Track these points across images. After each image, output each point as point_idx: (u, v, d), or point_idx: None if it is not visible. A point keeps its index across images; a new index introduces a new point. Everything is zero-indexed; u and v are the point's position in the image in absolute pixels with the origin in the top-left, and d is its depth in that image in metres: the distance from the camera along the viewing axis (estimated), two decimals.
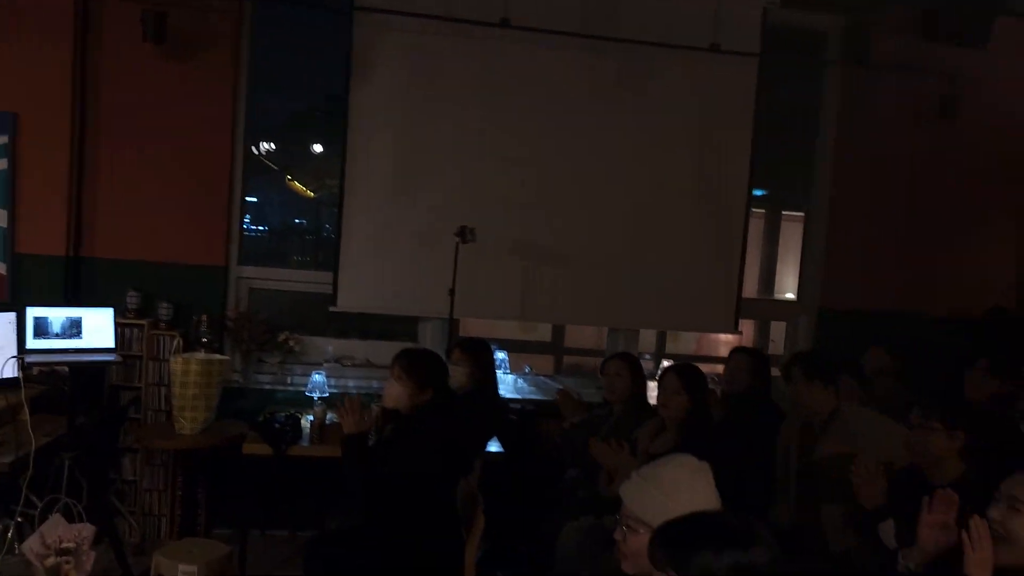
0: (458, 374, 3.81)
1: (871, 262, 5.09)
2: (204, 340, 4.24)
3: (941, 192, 5.12)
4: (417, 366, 3.13)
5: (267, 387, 4.64)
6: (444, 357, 3.64)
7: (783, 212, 5.79)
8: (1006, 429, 3.60)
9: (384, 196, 4.69)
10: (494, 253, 4.65)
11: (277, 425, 3.80)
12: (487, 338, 4.63)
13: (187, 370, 3.88)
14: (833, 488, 3.08)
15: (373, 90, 4.63)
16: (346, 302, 4.70)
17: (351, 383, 4.76)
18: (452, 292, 4.22)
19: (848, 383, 4.31)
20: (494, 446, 4.04)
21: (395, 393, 3.11)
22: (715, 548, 1.51)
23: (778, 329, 5.63)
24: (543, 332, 6.28)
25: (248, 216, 4.89)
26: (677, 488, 1.82)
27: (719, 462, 3.12)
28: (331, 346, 4.89)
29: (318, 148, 5.02)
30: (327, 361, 4.81)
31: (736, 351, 4.15)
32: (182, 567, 3.13)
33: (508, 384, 4.97)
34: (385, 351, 4.90)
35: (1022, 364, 3.77)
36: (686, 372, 3.54)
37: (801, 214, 5.55)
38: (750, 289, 5.69)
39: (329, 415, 3.95)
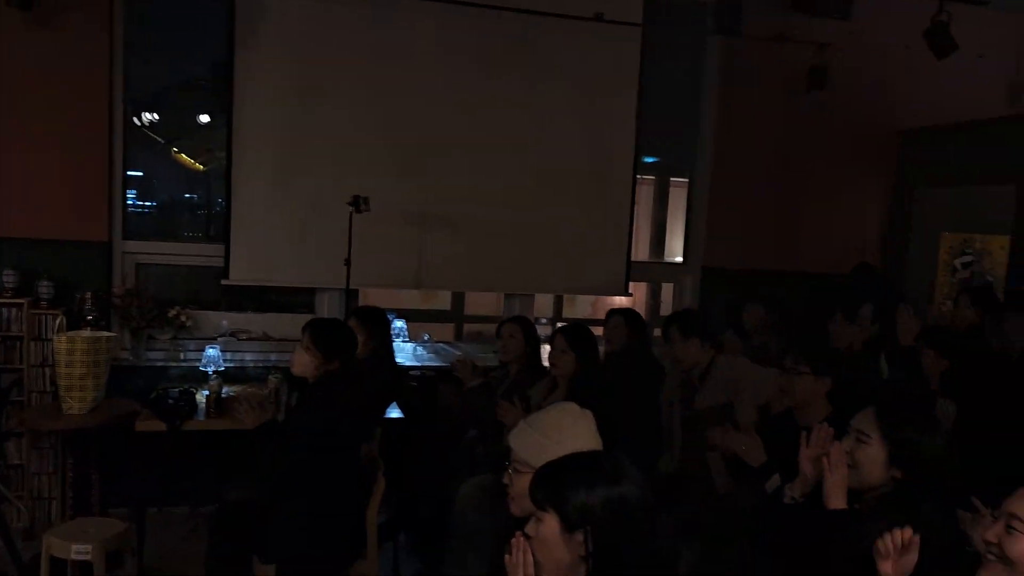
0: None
1: (750, 224, 5.38)
2: (89, 318, 4.10)
3: (812, 157, 5.44)
4: (325, 336, 3.16)
5: (159, 364, 4.54)
6: None
7: (671, 179, 6.01)
8: (867, 373, 3.93)
9: (274, 166, 4.63)
10: (389, 222, 4.67)
11: (171, 401, 3.75)
12: (387, 308, 4.66)
13: (72, 348, 3.76)
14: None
15: (258, 57, 4.55)
16: (239, 275, 4.64)
17: (248, 357, 4.71)
18: (348, 262, 4.23)
19: (732, 338, 4.60)
20: (395, 412, 4.11)
21: (303, 362, 3.14)
22: (588, 485, 1.61)
23: (670, 291, 5.89)
24: (443, 301, 6.35)
25: (134, 191, 4.73)
26: (560, 431, 1.93)
27: (606, 416, 3.30)
28: (225, 320, 4.82)
29: (204, 118, 4.88)
30: (221, 335, 4.74)
31: (612, 312, 4.36)
32: (75, 547, 3.08)
33: (407, 352, 5.03)
34: (282, 324, 4.89)
35: (883, 313, 4.09)
36: (572, 332, 3.70)
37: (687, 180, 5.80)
38: (642, 253, 5.92)
39: (225, 388, 3.92)
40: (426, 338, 5.35)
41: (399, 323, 5.07)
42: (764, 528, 2.72)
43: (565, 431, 1.93)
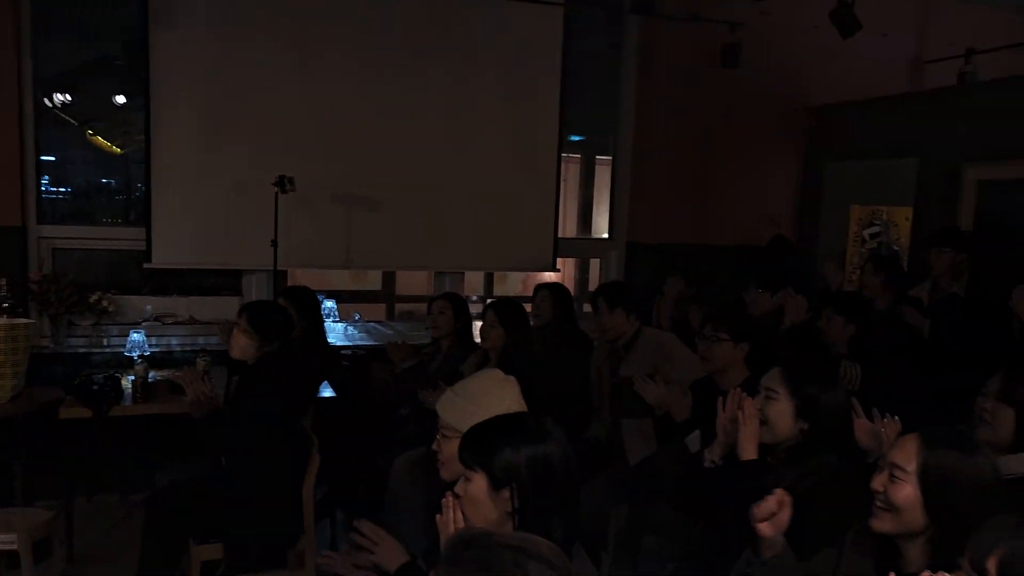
0: None
1: (671, 199, 5.54)
2: (5, 305, 3.98)
3: (728, 134, 5.62)
4: (263, 319, 3.18)
5: (82, 350, 4.45)
6: None
7: (597, 156, 6.14)
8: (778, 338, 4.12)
9: (195, 146, 4.56)
10: (316, 202, 4.66)
11: (95, 387, 3.68)
12: (317, 289, 4.65)
13: None
14: (640, 403, 3.41)
15: (175, 35, 4.46)
16: (162, 258, 4.56)
17: (174, 341, 4.65)
18: (275, 243, 4.21)
19: (676, 283, 4.75)
20: (327, 391, 4.13)
21: (241, 344, 3.15)
22: (513, 444, 1.68)
23: (598, 266, 6.03)
24: (374, 281, 6.36)
25: (49, 175, 4.59)
26: (486, 396, 2.01)
27: (534, 385, 3.40)
28: (149, 305, 4.73)
29: (120, 99, 4.75)
30: (146, 320, 4.66)
31: (539, 287, 4.46)
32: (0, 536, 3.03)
33: (338, 332, 5.04)
34: (209, 307, 4.83)
35: (788, 282, 4.29)
36: (502, 307, 3.79)
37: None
38: (570, 229, 6.04)
39: (152, 373, 3.87)
40: (357, 318, 5.36)
41: (329, 303, 5.07)
42: (686, 490, 2.88)
43: (491, 396, 2.00)
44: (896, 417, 2.42)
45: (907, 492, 1.72)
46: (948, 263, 4.03)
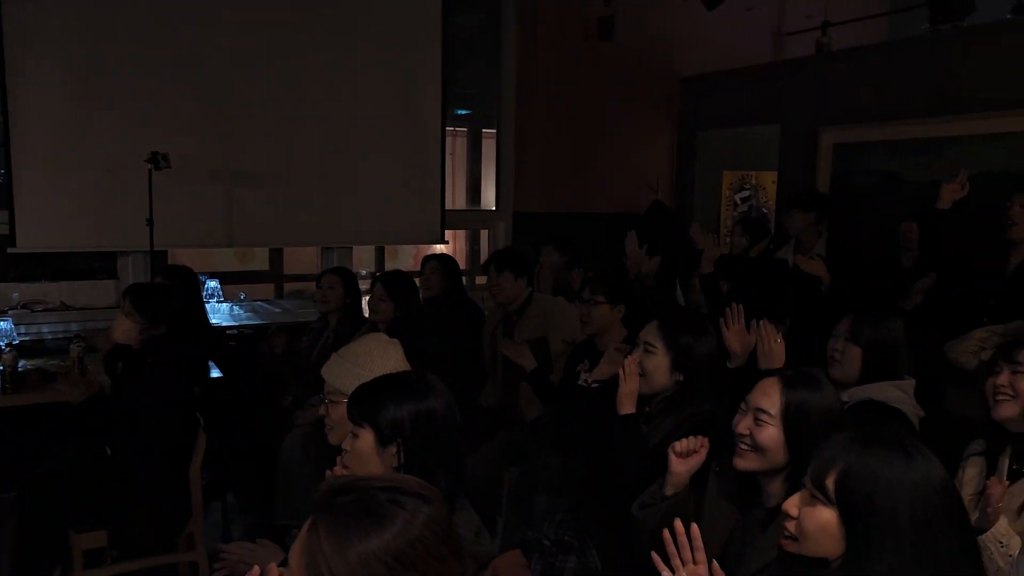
0: None
1: (554, 169, 5.68)
2: None
3: (605, 104, 5.79)
4: (147, 300, 3.09)
5: None
6: None
7: (484, 129, 6.19)
8: (662, 298, 4.31)
9: (61, 124, 4.33)
10: (194, 179, 4.52)
11: None
12: (202, 271, 4.53)
13: None
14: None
15: (32, 6, 4.20)
16: (28, 242, 4.33)
17: (45, 328, 4.44)
18: (150, 222, 4.06)
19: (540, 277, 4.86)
20: (214, 371, 4.04)
21: (125, 328, 3.06)
22: (397, 400, 1.73)
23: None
24: (261, 261, 6.21)
25: None
26: (370, 358, 2.05)
27: (427, 356, 3.44)
28: (16, 292, 4.49)
29: None
30: (13, 308, 4.42)
31: (427, 259, 4.45)
32: None
33: (223, 312, 4.92)
34: (83, 292, 4.62)
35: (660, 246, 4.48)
36: (390, 279, 3.81)
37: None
38: (460, 202, 6.08)
39: (22, 362, 3.69)
40: (242, 297, 5.25)
41: (212, 283, 4.95)
42: (560, 403, 3.08)
43: (375, 358, 2.04)
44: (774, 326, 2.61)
45: (771, 432, 1.83)
46: (800, 225, 4.31)
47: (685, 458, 2.02)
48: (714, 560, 1.52)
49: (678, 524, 1.54)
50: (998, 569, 1.97)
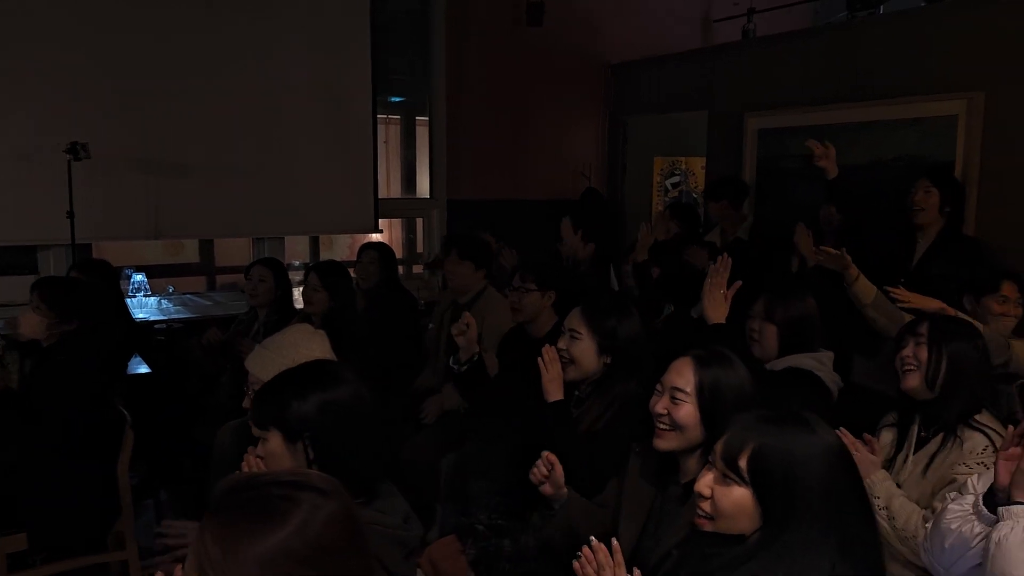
0: None
1: (486, 157, 5.69)
2: None
3: (536, 91, 5.81)
4: (57, 295, 2.99)
5: None
6: None
7: (417, 117, 6.15)
8: (596, 284, 4.36)
9: None
10: (116, 169, 4.41)
11: None
12: (130, 264, 4.41)
13: None
14: None
15: None
16: None
17: None
18: (71, 214, 3.94)
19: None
20: (142, 367, 3.95)
21: (33, 323, 2.96)
22: (300, 394, 1.67)
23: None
24: (191, 254, 6.08)
25: None
26: (294, 348, 2.01)
27: (363, 347, 3.41)
28: None
29: None
30: None
31: (365, 247, 4.38)
32: None
33: (151, 306, 4.81)
34: (1, 288, 4.47)
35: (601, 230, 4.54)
36: (325, 269, 3.73)
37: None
38: (395, 190, 6.04)
39: None
40: (171, 290, 5.13)
41: (138, 276, 4.83)
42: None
43: (299, 347, 2.01)
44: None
45: (687, 410, 1.88)
46: (716, 213, 4.45)
47: (547, 483, 2.03)
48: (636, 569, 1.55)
49: (595, 543, 1.56)
50: (886, 530, 2.09)
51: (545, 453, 1.99)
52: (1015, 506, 1.61)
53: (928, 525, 1.93)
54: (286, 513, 1.02)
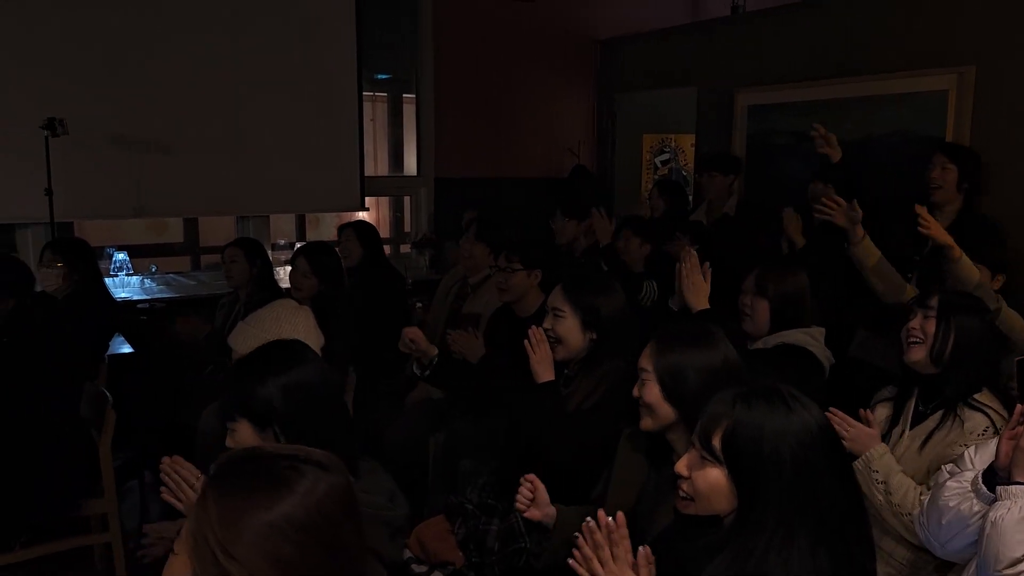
0: (52, 277, 3.51)
1: (475, 134, 5.62)
2: None
3: (525, 68, 5.75)
4: None
5: None
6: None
7: (404, 94, 6.08)
8: (589, 265, 4.31)
9: None
10: (97, 146, 4.33)
11: None
12: (112, 243, 4.32)
13: None
14: None
15: None
16: None
17: None
18: (49, 192, 3.86)
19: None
20: (125, 347, 3.89)
21: None
22: (260, 379, 1.64)
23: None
24: (176, 233, 6.01)
25: None
26: (277, 323, 1.97)
27: (352, 329, 3.36)
28: None
29: None
30: None
31: (343, 227, 4.28)
32: None
33: (134, 285, 4.75)
34: None
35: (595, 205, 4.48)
36: (313, 254, 3.65)
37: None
38: (382, 168, 5.98)
39: None
40: (153, 270, 5.06)
41: (120, 256, 4.75)
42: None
43: (282, 323, 1.98)
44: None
45: (651, 390, 1.87)
46: (718, 186, 4.38)
47: (533, 508, 1.99)
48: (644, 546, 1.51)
49: (601, 515, 1.51)
50: (881, 504, 2.08)
51: (524, 476, 1.96)
52: (1014, 486, 1.59)
53: (924, 499, 1.92)
54: (292, 482, 1.06)
